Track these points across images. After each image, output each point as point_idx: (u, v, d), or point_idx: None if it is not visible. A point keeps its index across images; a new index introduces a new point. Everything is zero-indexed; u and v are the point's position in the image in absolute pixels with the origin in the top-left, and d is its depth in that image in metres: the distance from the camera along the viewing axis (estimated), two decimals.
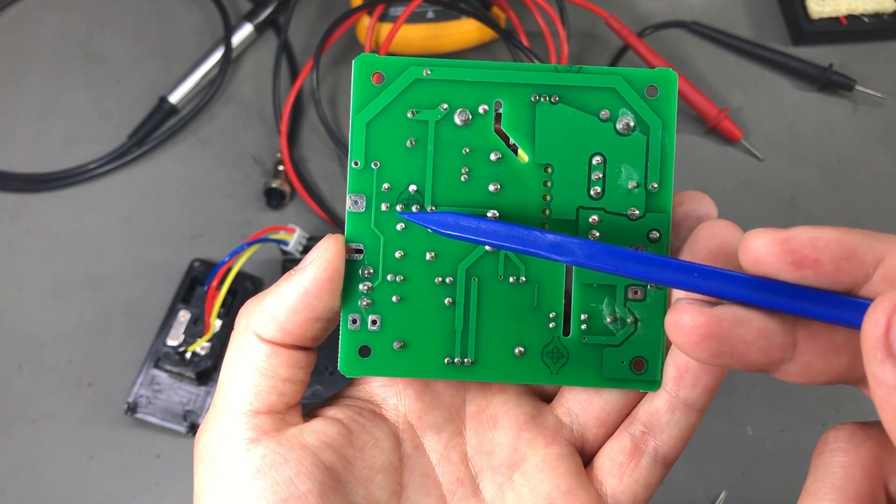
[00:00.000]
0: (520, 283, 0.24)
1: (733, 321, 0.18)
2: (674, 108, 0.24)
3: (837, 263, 0.18)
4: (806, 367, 0.19)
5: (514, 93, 0.24)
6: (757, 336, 0.18)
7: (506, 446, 0.25)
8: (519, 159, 0.24)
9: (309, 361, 0.24)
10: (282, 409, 0.23)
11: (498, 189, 0.24)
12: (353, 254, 0.24)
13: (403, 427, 0.25)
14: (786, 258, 0.18)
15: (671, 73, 0.24)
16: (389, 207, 0.24)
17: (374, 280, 0.24)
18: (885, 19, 0.57)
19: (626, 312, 0.24)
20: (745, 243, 0.18)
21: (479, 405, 0.25)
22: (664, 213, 0.24)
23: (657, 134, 0.24)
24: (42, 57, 0.57)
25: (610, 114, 0.24)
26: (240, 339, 0.23)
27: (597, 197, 0.24)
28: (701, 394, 0.23)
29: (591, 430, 0.25)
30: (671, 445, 0.24)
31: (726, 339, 0.18)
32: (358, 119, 0.24)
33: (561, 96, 0.24)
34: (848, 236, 0.18)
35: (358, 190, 0.24)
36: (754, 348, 0.18)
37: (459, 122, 0.24)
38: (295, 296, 0.23)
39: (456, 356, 0.24)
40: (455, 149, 0.24)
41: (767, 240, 0.18)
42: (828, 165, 0.53)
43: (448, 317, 0.24)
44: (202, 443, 0.23)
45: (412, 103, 0.24)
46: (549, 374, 0.24)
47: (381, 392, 0.25)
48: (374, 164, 0.24)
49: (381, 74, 0.24)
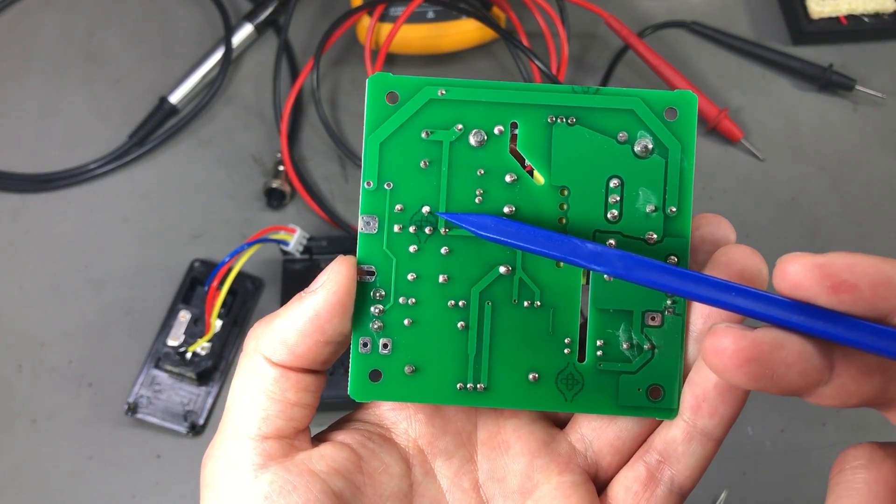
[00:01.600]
0: (535, 307, 0.24)
1: (773, 344, 0.18)
2: (693, 130, 0.24)
3: (875, 290, 0.18)
4: (841, 390, 0.19)
5: (531, 114, 0.24)
6: (797, 358, 0.18)
7: (518, 473, 0.24)
8: (535, 181, 0.24)
9: (318, 385, 0.23)
10: (290, 434, 0.23)
11: (513, 211, 0.24)
12: (364, 276, 0.23)
13: (414, 452, 0.24)
14: (824, 282, 0.18)
15: (691, 95, 0.24)
16: (402, 229, 0.23)
17: (385, 303, 0.23)
18: (885, 19, 0.57)
19: (642, 339, 0.24)
20: (783, 267, 0.18)
21: (490, 431, 0.25)
22: (683, 237, 0.23)
23: (676, 157, 0.23)
24: (42, 57, 0.57)
25: (628, 136, 0.23)
26: (248, 362, 0.23)
27: (614, 220, 0.24)
28: (719, 423, 0.23)
29: (605, 457, 0.24)
30: (687, 476, 0.23)
31: (767, 362, 0.18)
32: (371, 139, 0.24)
33: (578, 118, 0.24)
34: (884, 263, 0.18)
35: (370, 211, 0.23)
36: (794, 371, 0.18)
37: (474, 143, 0.24)
38: (305, 318, 0.22)
39: (469, 381, 0.24)
40: (470, 170, 0.24)
41: (805, 264, 0.18)
42: (828, 165, 0.53)
43: (461, 341, 0.24)
44: (209, 468, 0.23)
45: (426, 123, 0.24)
46: (564, 400, 0.24)
47: (391, 416, 0.25)
48: (388, 184, 0.24)
49: (395, 94, 0.24)
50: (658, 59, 0.54)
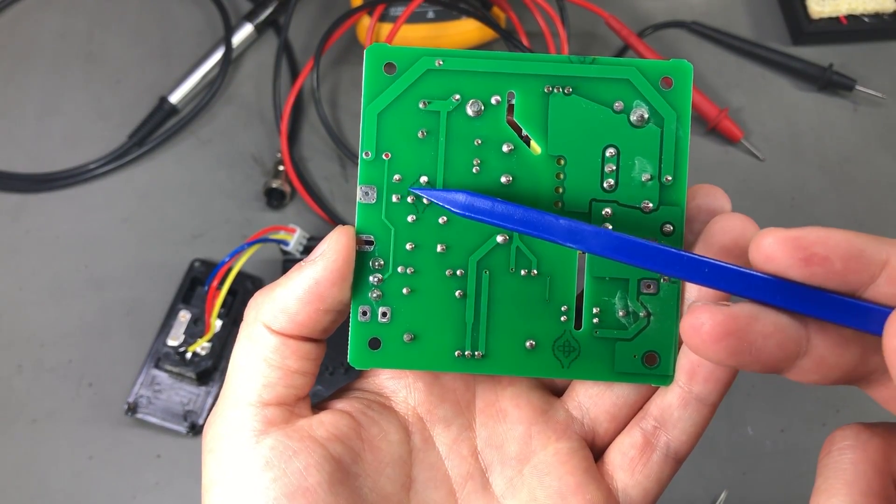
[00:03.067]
0: (531, 275, 0.24)
1: (749, 317, 0.19)
2: (688, 99, 0.24)
3: (846, 263, 0.18)
4: (819, 363, 0.19)
5: (527, 84, 0.24)
6: (774, 329, 0.19)
7: (516, 440, 0.25)
8: (531, 151, 0.24)
9: (318, 353, 0.24)
10: (291, 401, 0.23)
11: (510, 181, 0.24)
12: (363, 245, 0.24)
13: (413, 420, 0.25)
14: (796, 255, 0.18)
15: (686, 64, 0.24)
16: (400, 199, 0.24)
17: (384, 272, 0.24)
18: (885, 19, 0.57)
19: (638, 306, 0.24)
20: (757, 241, 0.19)
21: (489, 399, 0.25)
22: (678, 206, 0.24)
23: (672, 126, 0.24)
24: (42, 57, 0.57)
25: (624, 105, 0.24)
26: (249, 330, 0.23)
27: (610, 189, 0.24)
28: (714, 388, 0.23)
29: (602, 424, 0.25)
30: (683, 441, 0.24)
31: (744, 335, 0.18)
32: (369, 109, 0.24)
33: (574, 87, 0.24)
34: (856, 237, 0.18)
35: (368, 181, 0.24)
36: (771, 342, 0.19)
37: (471, 113, 0.24)
38: (305, 287, 0.22)
39: (466, 349, 0.24)
40: (467, 140, 0.24)
41: (778, 237, 0.18)
42: (828, 165, 0.53)
43: (459, 309, 0.24)
44: (210, 434, 0.23)
45: (424, 94, 0.24)
46: (561, 367, 0.24)
47: (390, 385, 0.25)
48: (385, 154, 0.24)
49: (393, 64, 0.24)
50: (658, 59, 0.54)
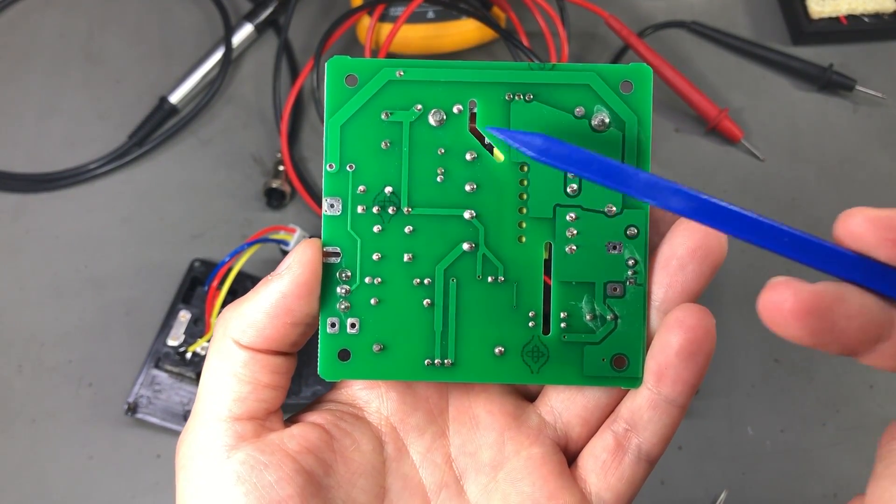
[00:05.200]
0: (498, 282, 0.24)
1: (834, 297, 0.18)
2: (649, 102, 0.24)
3: None
4: None
5: (489, 92, 0.24)
6: (858, 311, 0.18)
7: (490, 447, 0.25)
8: (495, 158, 0.24)
9: (289, 367, 0.24)
10: (262, 416, 0.23)
11: (474, 189, 0.24)
12: (329, 257, 0.24)
13: (386, 430, 0.25)
14: (886, 235, 0.18)
15: (645, 67, 0.24)
16: (366, 210, 0.24)
17: (351, 283, 0.24)
18: (885, 19, 0.57)
19: (605, 310, 0.24)
20: (845, 219, 0.19)
21: (461, 406, 0.25)
22: (642, 208, 0.24)
23: (633, 130, 0.24)
24: (42, 57, 0.57)
25: (585, 110, 0.24)
26: (218, 346, 0.23)
27: (573, 194, 0.24)
28: (682, 390, 0.23)
29: (574, 428, 0.25)
30: (654, 443, 0.24)
31: (827, 315, 0.18)
32: (332, 122, 0.24)
33: (535, 94, 0.24)
34: None
35: (333, 193, 0.24)
36: (855, 324, 0.18)
37: (434, 123, 0.24)
38: (272, 301, 0.22)
39: (436, 357, 0.24)
40: (430, 149, 0.24)
41: (867, 216, 0.18)
42: (828, 165, 0.53)
43: (427, 318, 0.24)
44: (182, 451, 0.23)
45: (386, 105, 0.24)
46: (530, 373, 0.24)
47: (362, 395, 0.25)
48: (350, 166, 0.24)
49: (354, 76, 0.24)
50: (658, 59, 0.54)
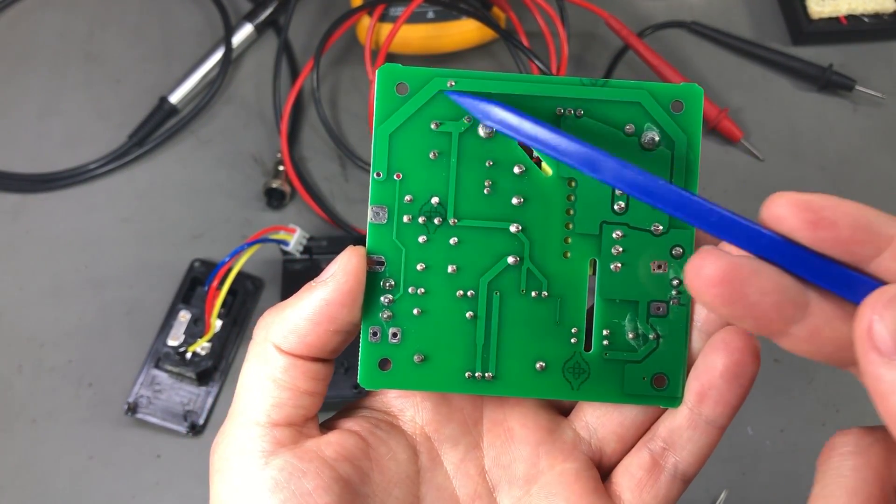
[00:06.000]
0: (542, 297, 0.24)
1: (752, 270, 0.18)
2: (699, 123, 0.24)
3: (853, 232, 0.18)
4: (814, 332, 0.19)
5: (539, 105, 0.24)
6: (773, 288, 0.18)
7: (523, 460, 0.24)
8: (543, 173, 0.24)
9: (327, 373, 0.23)
10: (299, 422, 0.23)
11: (521, 202, 0.24)
12: (374, 266, 0.24)
13: (420, 439, 0.24)
14: (805, 217, 0.18)
15: (697, 88, 0.24)
16: (411, 219, 0.24)
17: (395, 292, 0.24)
18: (885, 19, 0.57)
19: (648, 329, 0.24)
20: (769, 202, 0.19)
21: (496, 418, 0.25)
22: (688, 228, 0.24)
23: (682, 149, 0.24)
24: (42, 57, 0.57)
25: (635, 128, 0.24)
26: (258, 350, 0.23)
27: (620, 212, 0.24)
28: (724, 411, 0.23)
29: (609, 444, 0.25)
30: (691, 462, 0.23)
31: (743, 287, 0.18)
32: (381, 130, 0.24)
33: (586, 110, 0.24)
34: (866, 209, 0.18)
35: (380, 201, 0.24)
36: (769, 300, 0.18)
37: (483, 135, 0.24)
38: (315, 307, 0.22)
39: (477, 370, 0.24)
40: (478, 161, 0.24)
41: (790, 199, 0.18)
42: (828, 165, 0.53)
43: (469, 330, 0.24)
44: (218, 454, 0.23)
45: (435, 115, 0.24)
46: (571, 389, 0.24)
47: (398, 404, 0.25)
48: (397, 175, 0.24)
49: (405, 85, 0.24)
50: (658, 59, 0.54)
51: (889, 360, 0.17)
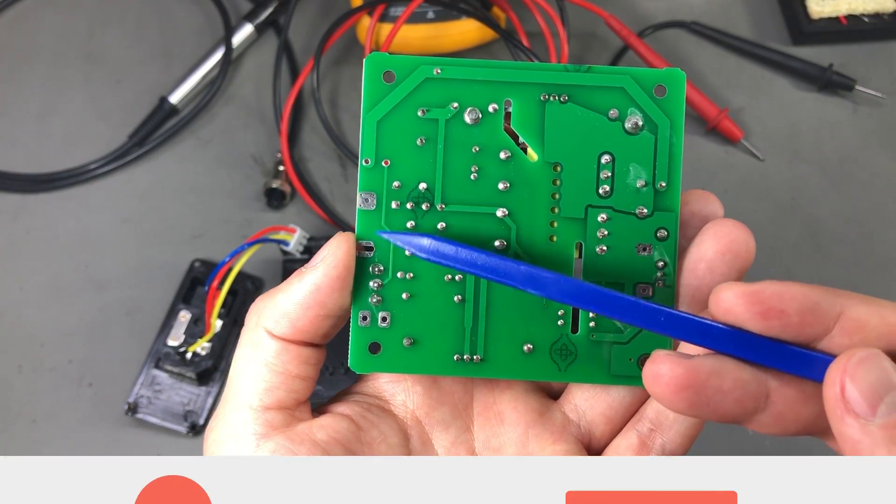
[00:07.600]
0: None
1: (710, 372, 0.19)
2: (682, 107, 0.24)
3: (802, 316, 0.19)
4: (777, 418, 0.20)
5: (524, 92, 0.24)
6: (732, 386, 0.19)
7: (513, 443, 0.25)
8: (528, 158, 0.24)
9: (318, 358, 0.24)
10: (291, 406, 0.23)
11: (507, 187, 0.24)
12: (363, 251, 0.24)
13: (411, 423, 0.25)
14: (754, 308, 0.19)
15: (679, 72, 0.24)
16: (400, 205, 0.24)
17: (384, 277, 0.24)
18: (885, 19, 0.57)
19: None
20: (716, 295, 0.20)
21: (486, 402, 0.26)
22: (672, 211, 0.24)
23: (665, 133, 0.24)
24: (42, 57, 0.57)
25: (619, 113, 0.24)
26: (250, 335, 0.23)
27: (605, 195, 0.24)
28: None
29: (598, 426, 0.25)
30: (678, 443, 0.24)
31: (703, 390, 0.19)
32: (368, 117, 0.24)
33: (570, 95, 0.24)
34: (812, 291, 0.19)
35: (368, 188, 0.24)
36: (730, 398, 0.19)
37: (469, 121, 0.24)
38: (306, 293, 0.23)
39: (465, 353, 0.24)
40: (465, 147, 0.24)
41: (737, 292, 0.19)
42: (828, 165, 0.53)
43: (457, 314, 0.24)
44: (211, 438, 0.23)
45: (422, 102, 0.24)
46: (558, 371, 0.24)
47: (389, 388, 0.25)
48: (385, 162, 0.24)
49: (392, 73, 0.24)
50: (658, 60, 0.54)
51: (866, 420, 0.17)
